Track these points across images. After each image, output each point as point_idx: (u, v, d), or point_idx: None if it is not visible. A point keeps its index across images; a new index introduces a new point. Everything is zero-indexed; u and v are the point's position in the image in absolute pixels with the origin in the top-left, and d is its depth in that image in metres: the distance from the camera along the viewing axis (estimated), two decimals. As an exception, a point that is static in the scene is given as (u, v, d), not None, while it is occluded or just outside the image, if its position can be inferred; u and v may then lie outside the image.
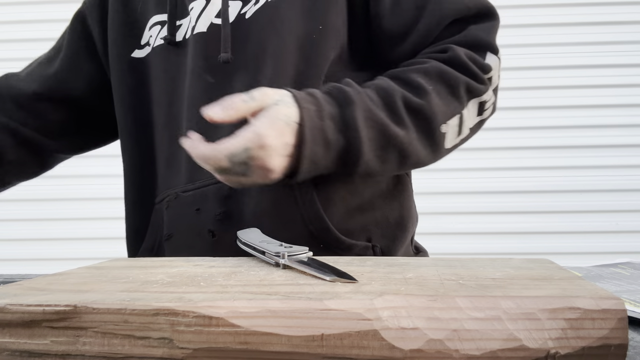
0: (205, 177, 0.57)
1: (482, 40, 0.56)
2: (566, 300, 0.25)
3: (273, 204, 0.56)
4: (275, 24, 0.57)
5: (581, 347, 0.24)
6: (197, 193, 0.58)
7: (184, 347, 0.28)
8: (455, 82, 0.54)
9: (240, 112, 0.47)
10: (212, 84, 0.58)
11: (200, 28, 0.59)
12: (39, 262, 1.75)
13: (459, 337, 0.25)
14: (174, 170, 0.61)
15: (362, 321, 0.26)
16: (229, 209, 0.56)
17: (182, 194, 0.59)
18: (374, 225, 0.59)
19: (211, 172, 0.48)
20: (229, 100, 0.47)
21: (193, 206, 0.58)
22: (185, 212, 0.59)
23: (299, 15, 0.57)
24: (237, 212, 0.57)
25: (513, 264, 0.39)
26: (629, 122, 1.69)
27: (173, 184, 0.60)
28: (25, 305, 0.30)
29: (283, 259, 0.40)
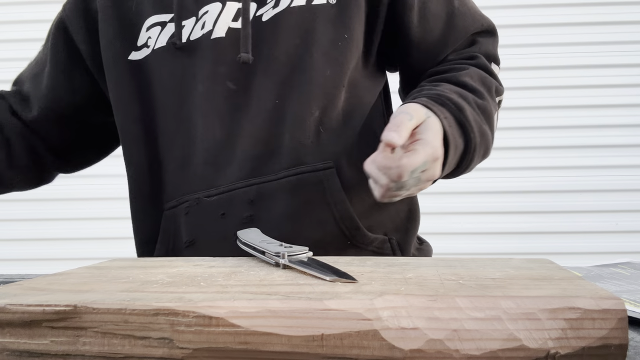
0: (228, 181, 0.57)
1: (490, 53, 0.64)
2: (566, 300, 0.25)
3: (304, 206, 0.56)
4: (299, 29, 0.57)
5: (581, 347, 0.24)
6: (223, 197, 0.57)
7: (184, 347, 0.28)
8: (491, 84, 0.60)
9: (409, 131, 0.47)
10: (234, 90, 0.58)
11: (219, 33, 0.58)
12: (39, 262, 1.75)
13: (459, 337, 0.25)
14: (188, 175, 0.60)
15: (362, 321, 0.26)
16: (256, 212, 0.57)
17: (206, 199, 0.58)
18: (388, 220, 0.62)
19: (377, 182, 0.47)
20: (397, 121, 0.47)
21: (218, 211, 0.58)
22: (209, 217, 0.58)
23: (325, 22, 0.57)
24: (264, 215, 0.57)
25: (513, 264, 0.39)
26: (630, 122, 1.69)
27: (188, 190, 0.59)
28: (25, 305, 0.30)
29: (283, 259, 0.40)
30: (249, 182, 0.57)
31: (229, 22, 0.58)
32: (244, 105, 0.58)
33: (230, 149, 0.58)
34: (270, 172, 0.57)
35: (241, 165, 0.57)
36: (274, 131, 0.57)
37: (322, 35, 0.57)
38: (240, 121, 0.58)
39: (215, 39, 0.58)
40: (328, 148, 0.58)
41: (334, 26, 0.58)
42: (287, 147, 0.57)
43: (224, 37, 0.58)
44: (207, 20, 0.59)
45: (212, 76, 0.58)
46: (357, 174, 0.57)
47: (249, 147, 0.57)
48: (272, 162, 0.57)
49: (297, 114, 0.57)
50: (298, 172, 0.57)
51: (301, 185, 0.56)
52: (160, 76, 0.61)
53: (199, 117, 0.59)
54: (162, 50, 0.60)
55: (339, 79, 0.58)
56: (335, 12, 0.58)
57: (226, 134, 0.58)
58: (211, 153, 0.58)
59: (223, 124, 0.58)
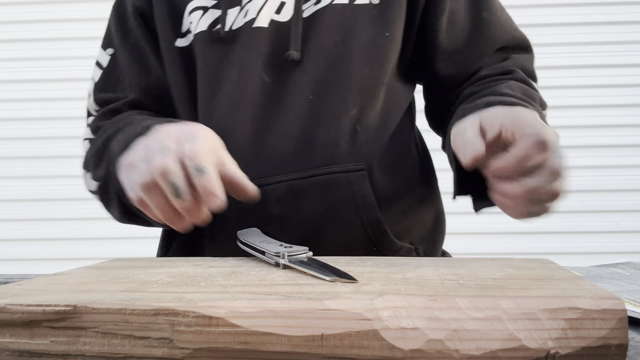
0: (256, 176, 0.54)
1: (527, 69, 0.60)
2: (566, 300, 0.26)
3: (332, 208, 0.55)
4: (339, 27, 0.56)
5: (581, 347, 0.24)
6: None
7: (184, 347, 0.28)
8: (534, 96, 0.57)
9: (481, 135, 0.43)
10: (268, 83, 0.57)
11: (261, 23, 0.57)
12: (39, 262, 1.75)
13: (459, 337, 0.25)
14: None
15: (362, 321, 0.26)
16: (283, 210, 0.55)
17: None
18: (415, 229, 0.61)
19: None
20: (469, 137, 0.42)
21: (244, 206, 0.55)
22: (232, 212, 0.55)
23: (366, 21, 0.57)
24: (292, 213, 0.55)
25: (513, 264, 0.39)
26: (630, 122, 1.69)
27: None
28: (25, 305, 0.30)
29: (283, 259, 0.40)
30: (278, 179, 0.55)
31: (272, 13, 0.57)
32: (277, 99, 0.56)
33: (260, 143, 0.56)
34: (299, 169, 0.56)
35: (270, 161, 0.56)
36: (307, 128, 0.56)
37: (362, 34, 0.56)
38: (272, 115, 0.57)
39: (256, 27, 0.57)
40: (362, 149, 0.56)
41: (375, 25, 0.57)
42: (320, 145, 0.56)
43: (266, 27, 0.57)
44: (250, 9, 0.57)
45: (247, 65, 0.57)
46: (387, 178, 0.57)
47: (280, 142, 0.56)
48: (302, 159, 0.56)
49: (333, 111, 0.56)
50: (329, 171, 0.55)
51: (331, 186, 0.55)
52: (200, 63, 0.59)
53: (230, 108, 0.57)
54: (201, 35, 0.59)
55: (379, 77, 0.57)
56: (377, 11, 0.57)
57: (257, 127, 0.56)
58: (240, 146, 0.56)
59: (254, 117, 0.56)
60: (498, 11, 0.61)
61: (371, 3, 0.57)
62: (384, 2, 0.57)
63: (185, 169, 0.41)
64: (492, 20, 0.60)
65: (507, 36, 0.61)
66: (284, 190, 0.55)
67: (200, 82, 0.59)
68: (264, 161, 0.56)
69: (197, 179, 0.41)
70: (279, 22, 0.57)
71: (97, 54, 0.66)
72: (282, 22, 0.57)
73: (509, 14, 0.63)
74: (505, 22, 0.61)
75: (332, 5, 0.57)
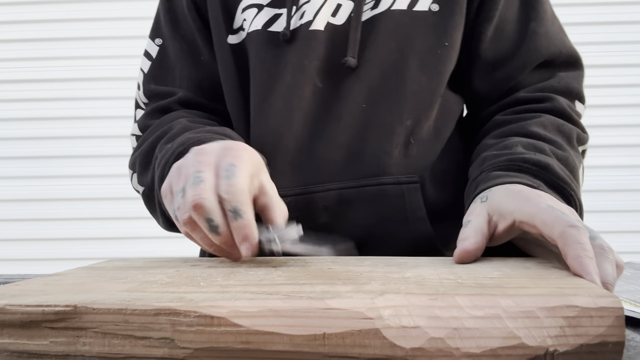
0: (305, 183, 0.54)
1: (574, 89, 0.57)
2: (564, 298, 0.26)
3: (382, 219, 0.54)
4: (396, 34, 0.55)
5: (579, 345, 0.25)
6: (299, 200, 0.55)
7: (185, 347, 0.29)
8: (570, 132, 0.53)
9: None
10: (320, 89, 0.55)
11: (318, 26, 0.55)
12: (39, 262, 1.76)
13: (460, 335, 0.25)
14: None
15: (364, 320, 0.26)
16: (331, 219, 0.54)
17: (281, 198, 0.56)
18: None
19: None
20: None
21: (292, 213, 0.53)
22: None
23: (425, 29, 0.55)
24: (339, 223, 0.54)
25: (509, 263, 0.39)
26: (630, 122, 1.70)
27: None
28: (25, 306, 0.30)
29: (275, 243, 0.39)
30: (327, 187, 0.54)
31: (328, 16, 0.56)
32: (329, 105, 0.55)
33: (311, 148, 0.55)
34: (349, 178, 0.54)
35: (320, 168, 0.55)
36: (358, 137, 0.54)
37: (420, 43, 0.55)
38: (324, 121, 0.55)
39: (312, 30, 0.55)
40: (415, 161, 0.55)
41: (435, 33, 0.55)
42: (371, 154, 0.54)
43: (322, 30, 0.55)
44: (307, 11, 0.56)
45: (302, 69, 0.55)
46: (437, 191, 0.55)
47: (330, 149, 0.55)
48: (352, 168, 0.54)
49: (386, 121, 0.54)
50: (380, 182, 0.54)
51: (381, 197, 0.54)
52: (254, 62, 0.58)
53: (283, 111, 0.56)
54: (256, 34, 0.57)
55: (436, 88, 0.55)
56: (436, 19, 0.55)
57: (307, 133, 0.55)
58: (289, 151, 0.56)
59: (306, 122, 0.55)
60: (548, 22, 0.58)
61: (430, 10, 0.55)
62: (443, 9, 0.55)
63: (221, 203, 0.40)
64: (538, 32, 0.57)
65: (553, 50, 0.57)
66: (333, 198, 0.54)
67: (254, 82, 0.58)
68: (314, 167, 0.55)
69: (233, 221, 0.39)
70: (334, 25, 0.55)
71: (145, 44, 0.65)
72: (337, 25, 0.55)
73: (561, 26, 0.60)
74: (554, 34, 0.58)
75: (390, 11, 0.55)
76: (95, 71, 1.76)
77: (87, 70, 1.76)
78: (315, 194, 0.54)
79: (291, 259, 0.45)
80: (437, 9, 0.55)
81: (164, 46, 0.63)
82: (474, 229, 0.41)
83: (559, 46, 0.57)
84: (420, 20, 0.55)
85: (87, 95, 1.76)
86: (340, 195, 0.54)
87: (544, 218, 0.38)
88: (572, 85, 0.57)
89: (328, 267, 0.40)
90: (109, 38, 1.74)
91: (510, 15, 0.58)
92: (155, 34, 0.64)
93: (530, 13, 0.57)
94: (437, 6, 0.55)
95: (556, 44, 0.57)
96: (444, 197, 0.56)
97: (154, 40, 0.64)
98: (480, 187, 0.47)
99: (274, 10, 0.57)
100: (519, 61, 0.57)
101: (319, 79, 0.55)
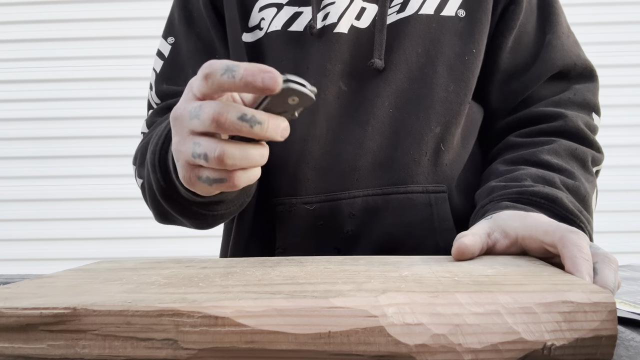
0: (330, 189, 0.54)
1: (590, 101, 0.57)
2: (559, 294, 0.28)
3: (409, 228, 0.54)
4: (423, 39, 0.55)
5: (575, 339, 0.27)
6: (324, 207, 0.54)
7: (189, 348, 0.29)
8: (585, 156, 0.53)
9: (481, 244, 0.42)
10: (345, 92, 0.55)
11: (342, 29, 0.55)
12: (39, 262, 1.77)
13: (462, 331, 0.27)
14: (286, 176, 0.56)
15: (368, 318, 0.27)
16: (357, 227, 0.54)
17: (304, 205, 0.55)
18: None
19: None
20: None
21: (317, 220, 0.54)
22: (305, 225, 0.55)
23: (452, 34, 0.55)
24: (365, 231, 0.54)
25: (500, 261, 0.41)
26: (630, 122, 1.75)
27: (286, 192, 0.56)
28: (21, 309, 0.30)
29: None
30: (353, 194, 0.54)
31: (352, 19, 0.55)
32: (354, 109, 0.55)
33: (335, 153, 0.55)
34: (375, 185, 0.54)
35: (345, 173, 0.54)
36: (385, 143, 0.54)
37: (448, 48, 0.55)
38: (349, 125, 0.55)
39: (337, 33, 0.55)
40: (444, 169, 0.55)
41: (462, 39, 0.55)
42: (399, 162, 0.54)
43: (345, 33, 0.55)
44: (331, 12, 0.55)
45: (324, 72, 0.55)
46: (463, 201, 0.55)
47: (356, 155, 0.54)
48: (379, 175, 0.54)
49: (415, 128, 0.54)
50: (407, 190, 0.54)
51: (408, 206, 0.54)
52: (272, 63, 0.56)
53: (304, 114, 0.54)
54: (275, 35, 0.57)
55: (464, 95, 0.55)
56: (463, 25, 0.55)
57: (332, 138, 0.55)
58: (313, 156, 0.55)
59: (329, 127, 0.55)
60: (563, 35, 0.59)
61: (457, 16, 0.55)
62: (470, 16, 0.55)
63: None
64: (554, 44, 0.58)
65: (568, 62, 0.58)
66: (359, 206, 0.54)
67: None
68: (339, 173, 0.55)
69: (235, 74, 0.33)
70: (358, 29, 0.55)
71: (158, 44, 0.64)
72: (361, 29, 0.55)
73: (576, 40, 0.61)
74: (570, 47, 0.59)
75: (417, 15, 0.55)
76: (96, 71, 1.77)
77: (87, 71, 1.77)
78: (341, 200, 0.54)
79: (285, 259, 0.46)
80: (463, 14, 0.56)
81: (176, 44, 0.63)
82: (471, 231, 0.42)
83: (574, 58, 0.58)
84: (447, 25, 0.55)
85: (88, 95, 1.77)
86: (367, 203, 0.54)
87: (545, 228, 0.39)
88: (589, 98, 0.57)
89: (324, 266, 0.41)
90: (110, 38, 1.75)
91: (529, 26, 0.59)
92: (169, 33, 0.64)
93: (547, 26, 0.59)
94: (463, 12, 0.56)
95: (571, 56, 0.58)
96: (469, 206, 0.56)
97: (166, 39, 0.63)
98: (487, 214, 0.47)
99: (294, 8, 0.57)
100: (535, 72, 0.58)
101: (342, 82, 0.55)
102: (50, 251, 1.78)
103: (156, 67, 0.64)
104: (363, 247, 0.54)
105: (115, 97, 1.75)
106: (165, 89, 0.62)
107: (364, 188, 0.54)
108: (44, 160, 1.78)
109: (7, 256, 1.78)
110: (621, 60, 1.74)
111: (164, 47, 0.64)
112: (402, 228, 0.54)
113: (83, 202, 1.77)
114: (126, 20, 1.73)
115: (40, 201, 1.78)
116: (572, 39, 0.60)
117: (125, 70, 1.72)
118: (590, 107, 0.58)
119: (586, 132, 0.55)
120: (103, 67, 1.76)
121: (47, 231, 1.78)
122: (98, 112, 1.77)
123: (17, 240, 1.79)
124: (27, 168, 1.78)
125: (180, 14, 0.63)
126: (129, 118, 1.70)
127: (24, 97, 1.77)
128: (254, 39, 0.59)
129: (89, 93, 1.77)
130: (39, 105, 1.78)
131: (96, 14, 1.73)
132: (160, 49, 0.64)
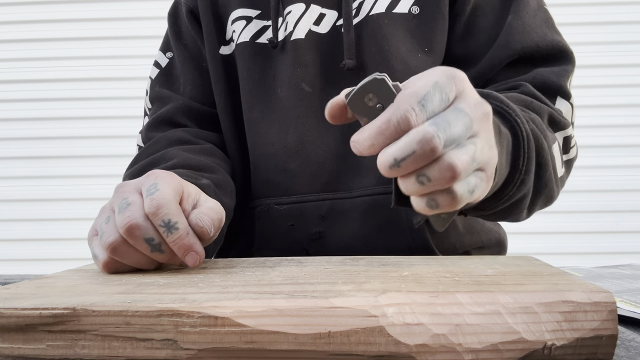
0: (300, 191, 0.57)
1: (552, 84, 0.53)
2: (560, 294, 0.29)
3: (378, 230, 0.56)
4: (376, 37, 0.57)
5: (575, 339, 0.28)
6: (293, 208, 0.57)
7: (189, 348, 0.30)
8: (540, 110, 0.50)
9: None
10: (309, 94, 0.58)
11: (298, 35, 0.58)
12: (39, 262, 1.82)
13: (462, 331, 0.28)
14: (260, 179, 0.60)
15: (368, 318, 0.29)
16: (326, 229, 0.56)
17: (276, 206, 0.58)
18: (476, 249, 0.61)
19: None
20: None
21: (287, 221, 0.58)
22: (277, 227, 0.58)
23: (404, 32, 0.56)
24: (335, 233, 0.56)
25: (500, 261, 0.42)
26: (630, 122, 1.77)
27: (261, 194, 0.60)
28: (21, 309, 0.32)
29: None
30: (322, 197, 0.57)
31: (311, 24, 0.59)
32: (319, 111, 0.57)
33: (303, 156, 0.58)
34: (345, 188, 0.56)
35: (314, 177, 0.57)
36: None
37: (400, 44, 0.56)
38: (314, 127, 0.58)
39: (295, 40, 0.58)
40: None
41: (414, 37, 0.56)
42: (366, 163, 0.56)
43: (303, 39, 0.58)
44: (289, 21, 0.59)
45: (289, 79, 0.58)
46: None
47: (323, 158, 0.57)
48: (348, 177, 0.57)
49: None
50: (375, 192, 0.56)
51: (377, 207, 0.55)
52: (242, 73, 0.61)
53: (272, 120, 0.59)
54: (243, 46, 0.61)
55: None
56: (417, 22, 0.57)
57: (298, 140, 0.57)
58: (281, 159, 0.58)
59: (296, 129, 0.58)
60: (527, 15, 0.56)
61: (411, 13, 0.57)
62: (424, 13, 0.56)
63: (152, 221, 0.40)
64: (513, 26, 0.55)
65: (528, 43, 0.54)
66: (328, 208, 0.57)
67: (243, 93, 0.61)
68: (308, 176, 0.58)
69: (169, 235, 0.39)
70: (318, 34, 0.58)
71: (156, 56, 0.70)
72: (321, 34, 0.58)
73: (547, 19, 0.57)
74: (533, 28, 0.55)
75: (369, 16, 0.57)
76: (96, 71, 1.81)
77: (87, 71, 1.82)
78: (310, 203, 0.57)
79: (285, 260, 0.47)
80: (417, 11, 0.57)
81: (173, 58, 0.68)
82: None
83: (537, 40, 0.54)
84: (399, 22, 0.57)
85: (88, 95, 1.82)
86: (336, 205, 0.56)
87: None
88: (551, 80, 0.53)
89: (324, 266, 0.42)
90: (110, 38, 1.80)
91: (487, 9, 0.57)
92: (166, 49, 0.69)
93: (510, 6, 0.56)
94: (417, 8, 0.57)
95: (533, 38, 0.54)
96: None
97: (165, 54, 0.69)
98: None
99: (262, 22, 0.61)
100: (490, 58, 0.55)
101: (306, 84, 0.58)
102: (50, 251, 1.82)
103: (152, 74, 0.69)
104: (333, 248, 0.56)
105: (115, 97, 1.79)
106: (158, 91, 0.66)
107: (332, 191, 0.57)
108: (44, 160, 1.82)
109: (7, 256, 1.83)
110: (621, 60, 1.76)
111: (162, 59, 0.69)
112: (372, 230, 0.56)
113: (83, 202, 1.82)
114: (126, 20, 1.78)
115: (40, 201, 1.82)
116: (539, 18, 0.56)
117: (125, 70, 1.76)
118: (551, 89, 0.53)
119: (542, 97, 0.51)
120: (103, 67, 1.80)
121: (47, 231, 1.82)
122: (98, 112, 1.81)
123: (17, 240, 1.84)
124: (26, 168, 1.83)
125: (171, 29, 0.68)
126: (129, 118, 1.74)
127: (24, 97, 1.82)
128: (230, 51, 0.63)
129: (89, 93, 1.81)
130: (39, 105, 1.82)
131: (96, 14, 1.78)
132: (157, 60, 0.69)
